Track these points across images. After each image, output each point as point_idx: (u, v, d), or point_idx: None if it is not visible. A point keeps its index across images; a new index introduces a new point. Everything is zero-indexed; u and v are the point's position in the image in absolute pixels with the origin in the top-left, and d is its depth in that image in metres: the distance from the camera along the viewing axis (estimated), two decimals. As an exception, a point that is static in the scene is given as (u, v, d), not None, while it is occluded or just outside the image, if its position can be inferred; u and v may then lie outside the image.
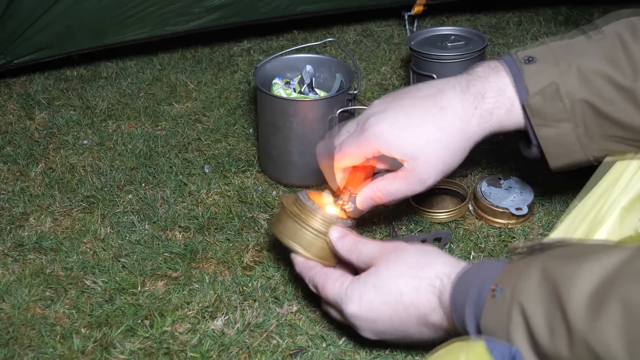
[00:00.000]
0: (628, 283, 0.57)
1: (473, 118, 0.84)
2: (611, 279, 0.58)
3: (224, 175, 1.14)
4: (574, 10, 1.65)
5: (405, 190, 0.87)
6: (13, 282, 0.94)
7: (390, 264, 0.78)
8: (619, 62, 0.82)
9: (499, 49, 1.49)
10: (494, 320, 0.65)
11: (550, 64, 0.84)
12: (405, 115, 0.85)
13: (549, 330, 0.60)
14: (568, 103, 0.82)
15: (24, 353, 0.84)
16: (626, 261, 0.59)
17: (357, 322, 0.79)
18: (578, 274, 0.60)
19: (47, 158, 1.19)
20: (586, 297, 0.58)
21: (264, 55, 1.49)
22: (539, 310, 0.62)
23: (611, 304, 0.56)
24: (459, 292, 0.72)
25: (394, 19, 1.62)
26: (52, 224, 1.04)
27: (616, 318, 0.56)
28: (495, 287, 0.66)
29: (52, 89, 1.40)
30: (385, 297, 0.77)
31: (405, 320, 0.77)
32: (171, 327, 0.86)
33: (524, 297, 0.63)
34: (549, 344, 0.60)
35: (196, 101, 1.35)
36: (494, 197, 1.04)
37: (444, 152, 0.84)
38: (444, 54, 1.18)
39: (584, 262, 0.61)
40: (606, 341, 0.56)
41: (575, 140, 0.84)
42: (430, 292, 0.75)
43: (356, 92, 1.09)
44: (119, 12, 1.37)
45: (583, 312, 0.58)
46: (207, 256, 0.98)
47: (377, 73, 1.43)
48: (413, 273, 0.77)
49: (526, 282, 0.64)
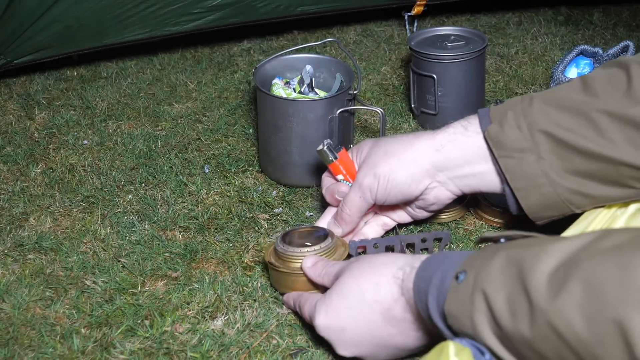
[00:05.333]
0: (589, 262, 0.58)
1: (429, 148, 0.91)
2: (573, 259, 0.59)
3: (224, 175, 1.14)
4: (574, 10, 1.65)
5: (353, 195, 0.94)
6: (13, 282, 0.94)
7: (353, 271, 0.80)
8: (574, 87, 0.84)
9: (499, 49, 1.49)
10: (458, 305, 0.65)
11: (515, 101, 0.87)
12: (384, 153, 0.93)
13: (511, 312, 0.60)
14: (527, 132, 0.84)
15: (24, 353, 0.84)
16: (588, 243, 0.60)
17: (327, 333, 0.79)
18: (540, 257, 0.61)
19: (47, 158, 1.19)
20: (548, 276, 0.59)
21: (264, 55, 1.49)
22: (501, 293, 0.62)
23: (572, 282, 0.57)
24: (422, 280, 0.71)
25: (394, 19, 1.62)
26: (52, 224, 1.04)
27: (577, 295, 0.56)
28: (459, 273, 0.66)
29: (52, 89, 1.40)
30: (348, 302, 0.77)
31: (371, 321, 0.76)
32: (171, 327, 0.86)
33: (486, 282, 0.63)
34: (510, 325, 0.60)
35: (196, 101, 1.35)
36: (494, 197, 1.04)
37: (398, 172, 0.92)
38: (444, 54, 1.18)
39: (547, 246, 0.62)
40: (567, 318, 0.56)
41: (541, 173, 0.84)
42: (393, 283, 0.75)
43: (356, 92, 1.09)
44: (119, 12, 1.37)
45: (545, 291, 0.58)
46: (207, 256, 0.98)
47: (377, 73, 1.43)
48: (375, 271, 0.77)
49: (490, 268, 0.64)
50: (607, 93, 0.80)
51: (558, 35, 1.54)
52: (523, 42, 1.52)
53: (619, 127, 0.79)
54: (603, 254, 0.58)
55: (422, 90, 1.22)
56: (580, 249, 0.60)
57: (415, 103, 1.25)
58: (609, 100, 0.80)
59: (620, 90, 0.79)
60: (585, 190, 0.83)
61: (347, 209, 0.94)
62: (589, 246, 0.59)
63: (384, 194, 0.92)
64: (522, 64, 1.43)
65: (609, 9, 1.65)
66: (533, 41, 1.52)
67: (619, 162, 0.80)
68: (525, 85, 1.35)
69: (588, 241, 0.60)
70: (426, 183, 0.91)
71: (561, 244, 0.61)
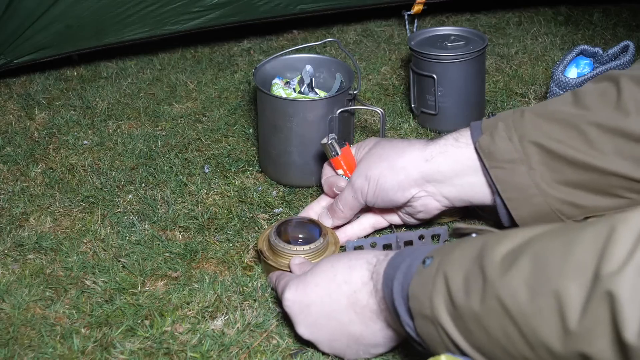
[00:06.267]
0: (541, 239, 0.60)
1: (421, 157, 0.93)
2: (529, 240, 0.61)
3: (224, 175, 1.14)
4: (574, 10, 1.65)
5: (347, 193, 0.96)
6: (13, 282, 0.94)
7: (332, 256, 0.83)
8: (565, 100, 0.86)
9: (499, 49, 1.49)
10: (420, 287, 0.67)
11: (507, 114, 0.89)
12: None
13: (465, 290, 0.62)
14: (517, 143, 0.85)
15: (24, 353, 0.84)
16: (547, 229, 0.62)
17: (292, 309, 0.80)
18: (501, 241, 0.63)
19: (47, 158, 1.19)
20: (503, 254, 0.61)
21: (264, 55, 1.49)
22: (459, 273, 0.64)
23: (523, 258, 0.59)
24: (392, 266, 0.74)
25: (394, 19, 1.62)
26: (52, 224, 1.04)
27: (525, 270, 0.58)
28: (426, 258, 0.69)
29: (52, 89, 1.40)
30: (319, 279, 0.79)
31: (336, 302, 0.77)
32: (171, 327, 0.86)
33: (448, 265, 0.66)
34: (463, 301, 0.62)
35: (196, 101, 1.35)
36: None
37: None
38: (444, 54, 1.18)
39: (511, 232, 0.64)
40: (513, 290, 0.58)
41: (531, 183, 0.85)
42: (365, 268, 0.77)
43: (356, 92, 1.09)
44: (118, 11, 1.37)
45: (498, 267, 0.60)
46: (207, 256, 0.98)
47: (377, 73, 1.43)
48: (351, 256, 0.80)
49: (454, 252, 0.66)
50: (597, 106, 0.82)
51: (558, 35, 1.54)
52: (523, 42, 1.52)
53: (609, 139, 0.81)
54: (554, 234, 0.60)
55: (422, 90, 1.22)
56: (539, 232, 0.62)
57: (415, 103, 1.25)
58: (600, 112, 0.82)
59: (610, 104, 0.81)
60: (576, 200, 0.85)
61: (341, 205, 0.97)
62: (548, 230, 0.61)
63: (373, 197, 0.95)
64: (522, 64, 1.43)
65: (609, 9, 1.65)
66: (533, 41, 1.52)
67: (608, 172, 0.82)
68: (525, 85, 1.35)
69: (549, 228, 0.62)
70: (413, 192, 0.93)
71: (523, 230, 0.63)
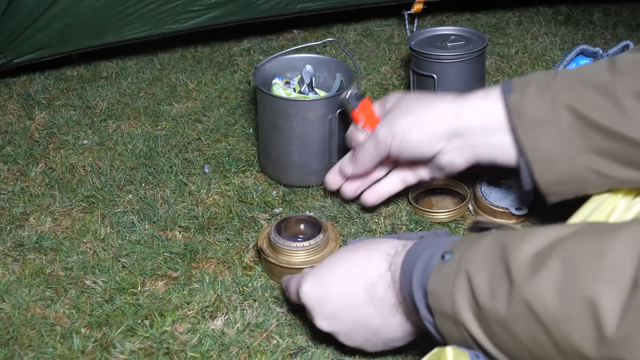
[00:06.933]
0: (570, 242, 0.58)
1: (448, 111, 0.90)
2: (557, 241, 0.59)
3: (224, 175, 1.14)
4: (574, 10, 1.65)
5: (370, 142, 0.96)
6: (13, 282, 0.94)
7: (348, 246, 0.81)
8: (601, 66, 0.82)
9: (499, 49, 1.49)
10: (440, 284, 0.65)
11: (539, 74, 0.85)
12: None
13: (491, 291, 0.61)
14: (549, 105, 0.81)
15: (24, 353, 0.84)
16: (575, 229, 0.60)
17: (310, 301, 0.78)
18: (525, 239, 0.61)
19: (47, 158, 1.19)
20: (530, 256, 0.59)
21: (264, 55, 1.49)
22: (484, 273, 0.62)
23: (552, 260, 0.57)
24: (410, 258, 0.72)
25: (394, 18, 1.62)
26: (52, 224, 1.04)
27: (554, 273, 0.57)
28: (446, 253, 0.67)
29: (52, 89, 1.40)
30: (336, 270, 0.78)
31: (353, 294, 0.76)
32: (171, 327, 0.86)
33: (470, 262, 0.64)
34: (488, 303, 0.61)
35: (196, 101, 1.35)
36: (494, 197, 1.04)
37: None
38: (444, 54, 1.18)
39: (533, 230, 0.63)
40: (542, 294, 0.57)
41: (559, 147, 0.82)
42: (383, 259, 0.75)
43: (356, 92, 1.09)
44: (118, 9, 1.37)
45: (525, 269, 0.59)
46: (207, 256, 0.98)
47: (377, 73, 1.43)
48: (369, 247, 0.78)
49: (475, 249, 0.65)
50: (634, 74, 0.78)
51: (558, 35, 1.54)
52: (523, 42, 1.52)
53: None
54: (584, 236, 0.58)
55: (422, 90, 1.22)
56: (565, 233, 0.60)
57: (415, 103, 1.25)
58: (636, 80, 0.78)
59: None
60: (603, 169, 0.81)
61: (362, 154, 0.97)
62: (575, 231, 0.60)
63: (398, 150, 0.93)
64: (522, 63, 1.43)
65: (609, 9, 1.65)
66: (533, 41, 1.52)
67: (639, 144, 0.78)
68: (525, 85, 1.35)
69: (575, 228, 0.61)
70: (440, 146, 0.91)
71: (548, 229, 0.62)
